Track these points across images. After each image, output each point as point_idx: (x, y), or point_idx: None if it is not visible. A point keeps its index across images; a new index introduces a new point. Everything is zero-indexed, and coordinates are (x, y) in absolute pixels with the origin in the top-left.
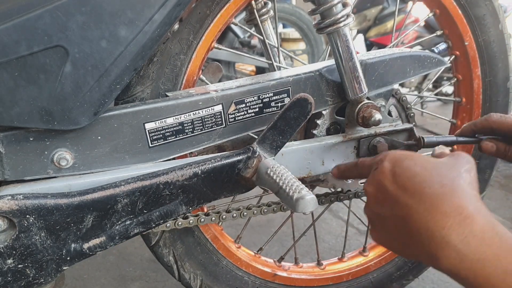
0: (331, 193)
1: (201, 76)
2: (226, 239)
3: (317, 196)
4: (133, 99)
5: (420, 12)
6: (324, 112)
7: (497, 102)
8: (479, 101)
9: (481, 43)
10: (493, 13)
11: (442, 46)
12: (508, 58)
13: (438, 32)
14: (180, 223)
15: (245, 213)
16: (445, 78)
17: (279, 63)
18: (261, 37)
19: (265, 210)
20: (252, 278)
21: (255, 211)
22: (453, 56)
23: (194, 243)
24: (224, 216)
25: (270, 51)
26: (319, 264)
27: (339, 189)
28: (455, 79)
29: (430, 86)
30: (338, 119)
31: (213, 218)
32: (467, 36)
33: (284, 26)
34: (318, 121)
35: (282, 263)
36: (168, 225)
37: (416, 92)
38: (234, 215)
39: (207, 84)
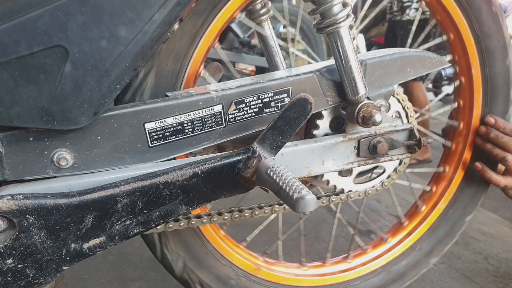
0: (324, 195)
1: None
2: (213, 224)
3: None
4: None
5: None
6: (324, 112)
7: None
8: (476, 128)
9: (487, 74)
10: (503, 47)
11: (449, 70)
12: (510, 92)
13: (448, 57)
14: (170, 225)
15: (237, 215)
16: (445, 78)
17: (282, 63)
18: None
19: (267, 211)
20: (235, 268)
21: (256, 212)
22: (458, 81)
23: None
24: (215, 219)
25: (276, 51)
26: (301, 264)
27: (331, 191)
28: (456, 103)
29: (430, 86)
30: (342, 113)
31: (204, 221)
32: (475, 65)
33: (284, 26)
34: (323, 113)
35: (267, 258)
36: (158, 227)
37: None
38: (225, 217)
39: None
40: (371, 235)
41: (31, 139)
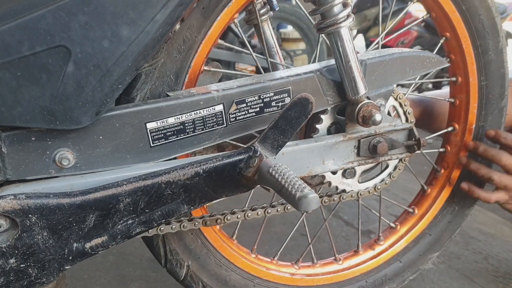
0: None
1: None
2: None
3: None
4: None
5: (419, 13)
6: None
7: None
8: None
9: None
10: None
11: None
12: (503, 108)
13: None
14: (174, 226)
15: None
16: (444, 78)
17: (282, 63)
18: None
19: (269, 211)
20: (217, 256)
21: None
22: (453, 99)
23: None
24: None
25: (276, 51)
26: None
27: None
28: (452, 127)
29: (430, 86)
30: (339, 118)
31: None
32: (473, 77)
33: (282, 26)
34: (322, 116)
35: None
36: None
37: (416, 92)
38: (229, 218)
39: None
40: (371, 234)
41: (33, 139)
